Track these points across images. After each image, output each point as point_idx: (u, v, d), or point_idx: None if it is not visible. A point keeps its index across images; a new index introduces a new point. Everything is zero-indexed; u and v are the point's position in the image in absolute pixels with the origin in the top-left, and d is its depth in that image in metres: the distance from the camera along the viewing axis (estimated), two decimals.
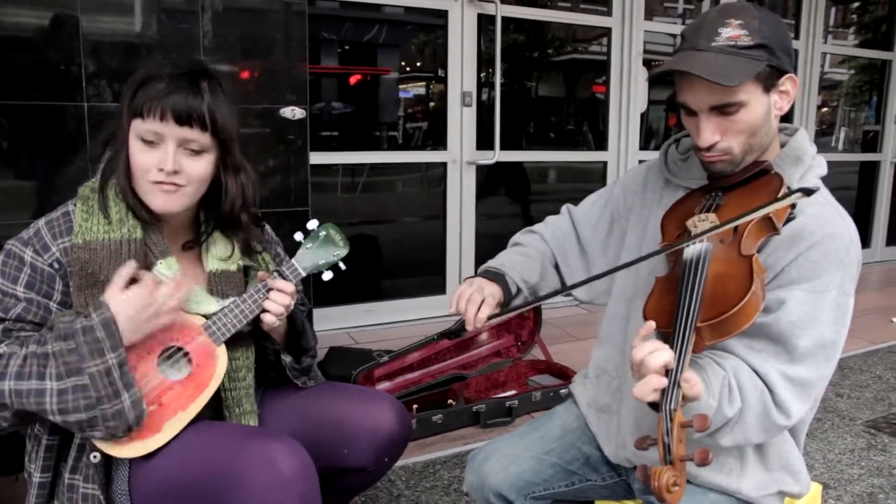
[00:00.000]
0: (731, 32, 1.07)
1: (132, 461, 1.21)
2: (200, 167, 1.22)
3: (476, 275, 1.35)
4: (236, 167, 1.28)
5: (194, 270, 1.31)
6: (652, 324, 0.99)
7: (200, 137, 1.19)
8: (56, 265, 1.18)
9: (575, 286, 1.25)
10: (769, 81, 1.09)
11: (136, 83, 1.19)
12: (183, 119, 1.17)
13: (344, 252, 1.30)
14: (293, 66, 2.22)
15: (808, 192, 0.98)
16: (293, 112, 2.20)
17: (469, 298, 1.23)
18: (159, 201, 1.21)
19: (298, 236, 1.29)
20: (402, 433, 1.39)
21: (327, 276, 1.30)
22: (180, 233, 1.31)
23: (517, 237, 1.49)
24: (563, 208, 1.50)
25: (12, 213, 1.92)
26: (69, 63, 1.92)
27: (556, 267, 1.44)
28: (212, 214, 1.31)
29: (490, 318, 1.22)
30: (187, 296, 1.23)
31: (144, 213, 1.23)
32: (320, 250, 1.29)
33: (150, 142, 1.18)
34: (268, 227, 1.46)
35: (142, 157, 1.19)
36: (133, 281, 1.16)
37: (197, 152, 1.21)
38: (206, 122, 1.19)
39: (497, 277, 1.31)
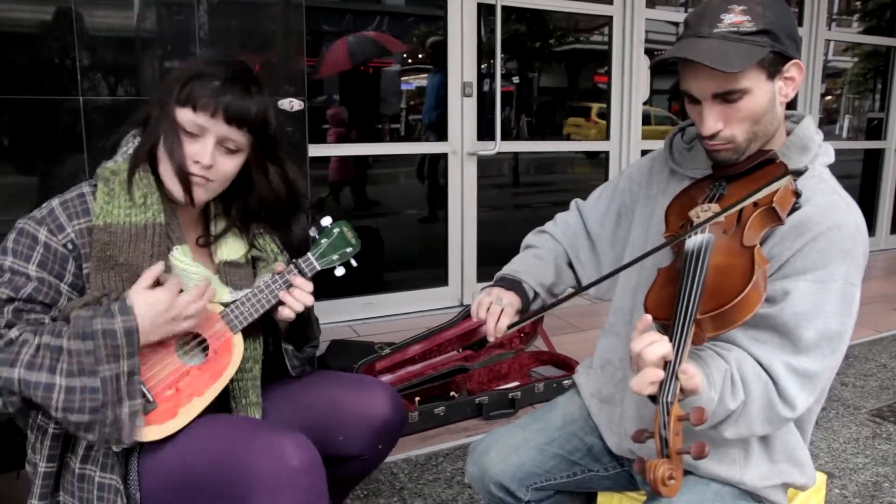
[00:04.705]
0: (734, 18, 1.05)
1: (141, 452, 1.21)
2: (232, 166, 1.25)
3: (493, 282, 1.35)
4: (266, 166, 1.31)
5: (204, 260, 1.32)
6: (648, 317, 0.97)
7: (240, 138, 1.22)
8: (70, 246, 1.17)
9: (590, 286, 1.24)
10: (773, 68, 1.08)
11: (188, 75, 1.20)
12: (232, 119, 1.19)
13: (356, 250, 1.34)
14: (291, 58, 2.20)
15: (797, 173, 0.97)
16: (291, 104, 2.18)
17: (489, 309, 1.24)
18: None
19: (312, 232, 1.33)
20: (395, 418, 1.39)
21: (339, 272, 1.34)
22: (191, 226, 1.33)
23: (529, 238, 1.49)
24: (572, 203, 1.49)
25: (7, 209, 1.91)
26: (64, 57, 1.90)
27: (570, 265, 1.44)
28: (231, 207, 1.34)
29: (510, 326, 1.24)
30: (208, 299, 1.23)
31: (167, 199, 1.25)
32: (333, 247, 1.33)
33: (190, 133, 1.19)
34: None
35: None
36: (157, 283, 1.17)
37: (233, 151, 1.23)
38: (254, 125, 1.22)
39: (514, 285, 1.32)
